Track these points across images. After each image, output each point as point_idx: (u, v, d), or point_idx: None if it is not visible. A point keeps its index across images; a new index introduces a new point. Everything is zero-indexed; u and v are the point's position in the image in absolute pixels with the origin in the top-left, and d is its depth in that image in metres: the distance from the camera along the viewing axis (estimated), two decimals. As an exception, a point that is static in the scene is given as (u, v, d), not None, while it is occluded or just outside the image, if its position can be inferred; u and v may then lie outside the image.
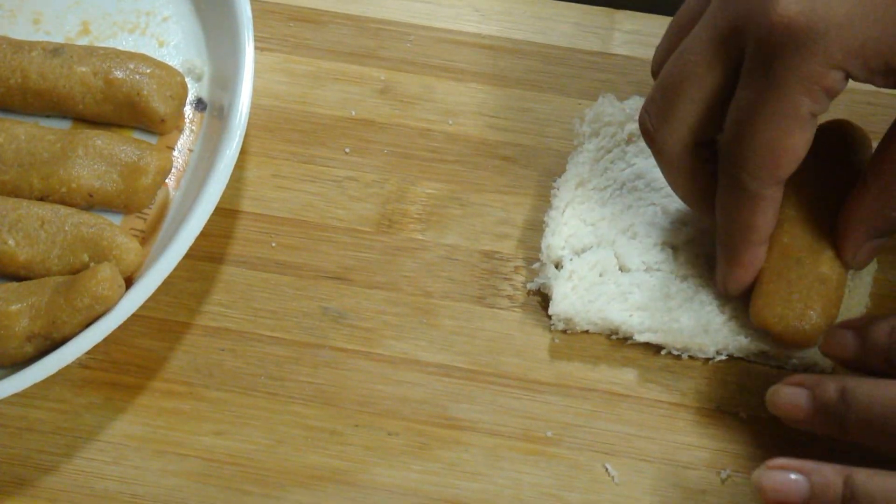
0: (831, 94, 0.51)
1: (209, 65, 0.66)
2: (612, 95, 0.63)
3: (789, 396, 0.52)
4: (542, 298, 0.60)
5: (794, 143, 0.52)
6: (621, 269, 0.59)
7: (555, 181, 0.62)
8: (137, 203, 0.61)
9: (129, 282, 0.57)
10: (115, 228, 0.58)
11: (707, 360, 0.58)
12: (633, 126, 0.62)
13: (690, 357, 0.58)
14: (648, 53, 0.66)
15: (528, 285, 0.60)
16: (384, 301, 0.60)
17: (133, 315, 0.56)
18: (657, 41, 0.59)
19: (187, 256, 0.57)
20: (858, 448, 0.51)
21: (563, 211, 0.60)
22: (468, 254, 0.62)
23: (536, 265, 0.60)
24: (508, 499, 0.56)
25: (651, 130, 0.55)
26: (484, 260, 0.61)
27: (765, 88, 0.51)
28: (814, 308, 0.55)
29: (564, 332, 0.59)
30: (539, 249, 0.60)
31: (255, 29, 0.63)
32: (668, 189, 0.58)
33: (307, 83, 0.67)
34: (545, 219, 0.60)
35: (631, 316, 0.58)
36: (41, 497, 0.56)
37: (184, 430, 0.58)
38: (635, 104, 0.62)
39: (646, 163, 0.61)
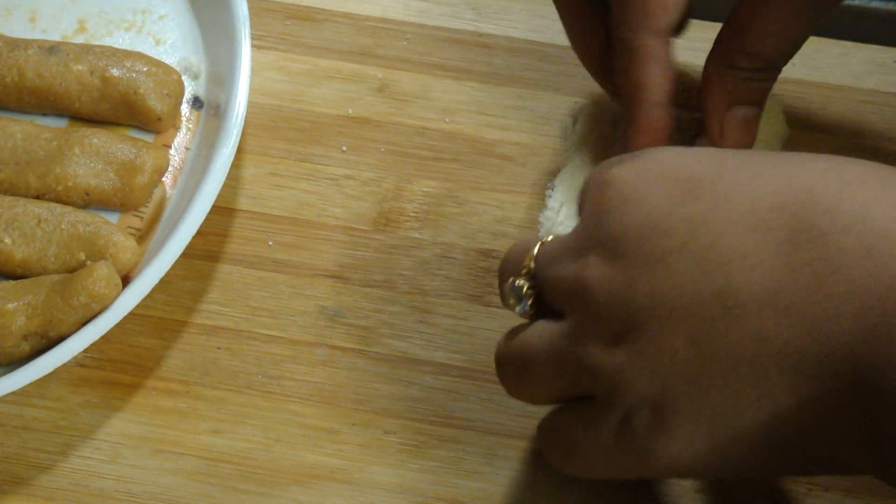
0: None
1: (206, 63, 0.66)
2: (605, 93, 0.63)
3: None
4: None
5: None
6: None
7: (550, 180, 0.62)
8: (134, 201, 0.61)
9: (125, 280, 0.57)
10: (111, 227, 0.58)
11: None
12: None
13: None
14: (645, 51, 0.66)
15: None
16: (381, 299, 0.60)
17: (130, 313, 0.56)
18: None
19: (184, 255, 0.57)
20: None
21: (559, 210, 0.60)
22: (465, 252, 0.62)
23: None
24: (506, 497, 0.56)
25: None
26: (481, 258, 0.61)
27: None
28: None
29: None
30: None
31: (252, 27, 0.63)
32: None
33: (304, 81, 0.67)
34: (540, 218, 0.60)
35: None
36: (38, 496, 0.56)
37: (181, 429, 0.57)
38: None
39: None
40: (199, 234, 0.58)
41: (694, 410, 0.44)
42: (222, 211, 0.63)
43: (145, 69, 0.62)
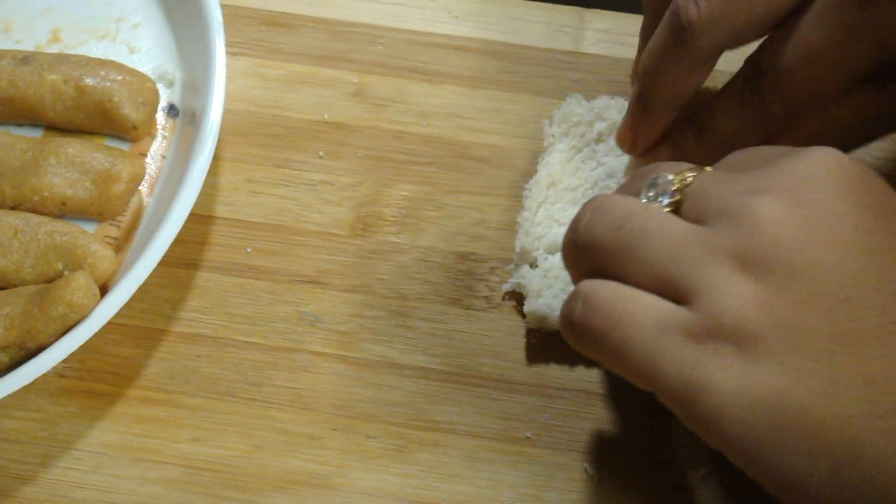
0: (890, 57, 0.50)
1: (181, 70, 0.65)
2: (580, 95, 0.63)
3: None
4: (518, 299, 0.60)
5: (834, 91, 0.51)
6: (596, 267, 0.60)
7: (527, 182, 0.62)
8: (111, 210, 0.60)
9: (103, 290, 0.57)
10: (88, 236, 0.58)
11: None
12: (603, 125, 0.62)
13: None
14: (620, 51, 0.66)
15: (503, 286, 0.60)
16: (360, 304, 0.60)
17: (108, 323, 0.56)
18: (629, 39, 0.59)
19: (162, 263, 0.57)
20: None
21: (536, 211, 0.60)
22: (443, 255, 0.62)
23: (511, 266, 0.60)
24: (488, 500, 0.56)
25: (696, 25, 0.52)
26: (459, 261, 0.61)
27: (838, 32, 0.50)
28: None
29: (540, 331, 0.59)
30: (514, 250, 0.60)
31: (227, 34, 0.63)
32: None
33: (279, 87, 0.67)
34: (518, 219, 0.60)
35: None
36: (19, 507, 0.56)
37: (161, 438, 0.57)
38: (603, 103, 0.63)
39: (616, 161, 0.61)
40: (176, 242, 0.57)
41: (785, 378, 0.43)
42: (200, 218, 0.62)
43: (120, 78, 0.62)
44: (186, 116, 0.63)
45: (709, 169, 0.49)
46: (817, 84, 0.51)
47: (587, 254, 0.48)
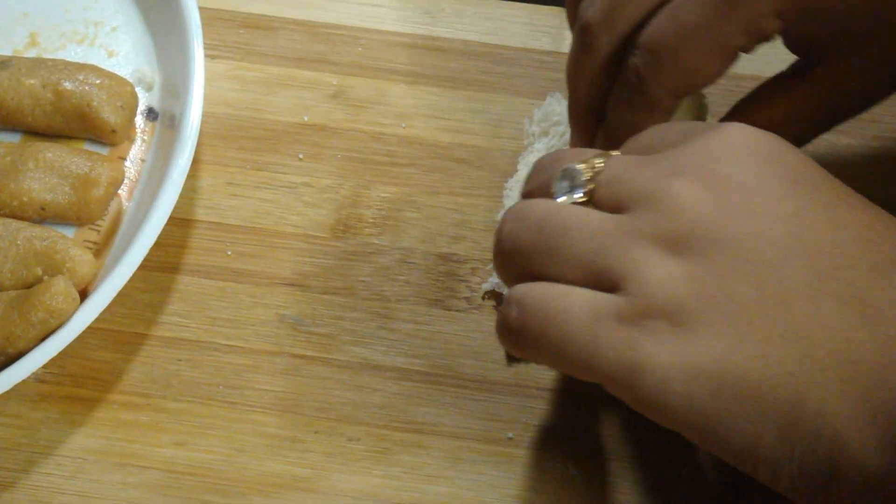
0: (763, 38, 0.52)
1: (160, 74, 0.65)
2: (560, 94, 0.63)
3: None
4: (498, 299, 0.60)
5: (710, 70, 0.52)
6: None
7: (507, 182, 0.62)
8: (90, 215, 0.60)
9: (83, 294, 0.57)
10: (68, 241, 0.58)
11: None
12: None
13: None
14: (599, 52, 0.66)
15: (483, 286, 0.60)
16: (341, 306, 0.60)
17: (89, 328, 0.56)
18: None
19: (142, 267, 0.57)
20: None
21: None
22: (424, 257, 0.62)
23: (491, 266, 0.60)
24: (471, 501, 0.56)
25: (593, 25, 0.54)
26: (440, 262, 0.61)
27: (710, 11, 0.51)
28: None
29: (521, 332, 0.59)
30: (494, 250, 0.60)
31: (206, 37, 0.63)
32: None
33: (259, 90, 0.66)
34: (498, 219, 0.60)
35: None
36: (0, 514, 0.56)
37: (143, 442, 0.57)
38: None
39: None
40: (156, 245, 0.57)
41: (720, 346, 0.43)
42: (180, 222, 0.62)
43: (98, 81, 0.62)
44: (166, 120, 0.63)
45: (615, 153, 0.49)
46: (691, 62, 0.52)
47: (515, 260, 0.49)
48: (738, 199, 0.45)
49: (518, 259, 0.48)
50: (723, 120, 0.55)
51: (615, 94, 0.54)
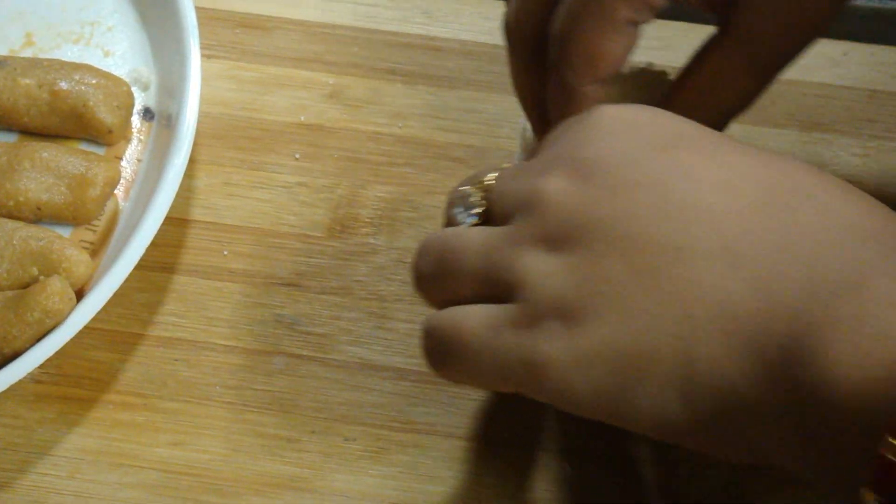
0: (653, 7, 0.51)
1: (156, 74, 0.65)
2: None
3: None
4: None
5: (610, 47, 0.51)
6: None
7: (504, 182, 0.62)
8: (86, 215, 0.60)
9: (79, 294, 0.57)
10: (64, 241, 0.58)
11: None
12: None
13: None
14: (596, 51, 0.66)
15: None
16: (338, 306, 0.60)
17: (85, 328, 0.56)
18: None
19: (138, 267, 0.57)
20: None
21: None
22: (421, 256, 0.62)
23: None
24: (468, 501, 0.56)
25: (509, 25, 0.55)
26: (437, 262, 0.61)
27: None
28: None
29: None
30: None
31: (202, 37, 0.63)
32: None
33: (255, 90, 0.66)
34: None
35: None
36: (-4, 514, 0.56)
37: (139, 442, 0.57)
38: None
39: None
40: (153, 245, 0.57)
41: (607, 329, 0.43)
42: (176, 222, 0.62)
43: (94, 81, 0.62)
44: (162, 120, 0.63)
45: (506, 165, 0.50)
46: (588, 44, 0.51)
47: (428, 293, 0.50)
48: (600, 181, 0.45)
49: (430, 290, 0.50)
50: (664, 98, 0.54)
51: (548, 90, 0.55)
